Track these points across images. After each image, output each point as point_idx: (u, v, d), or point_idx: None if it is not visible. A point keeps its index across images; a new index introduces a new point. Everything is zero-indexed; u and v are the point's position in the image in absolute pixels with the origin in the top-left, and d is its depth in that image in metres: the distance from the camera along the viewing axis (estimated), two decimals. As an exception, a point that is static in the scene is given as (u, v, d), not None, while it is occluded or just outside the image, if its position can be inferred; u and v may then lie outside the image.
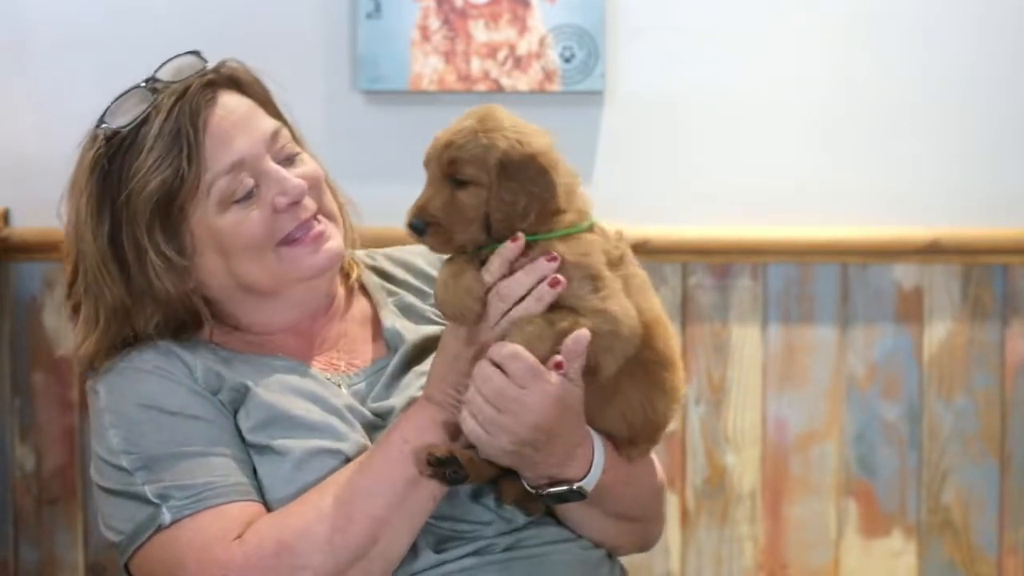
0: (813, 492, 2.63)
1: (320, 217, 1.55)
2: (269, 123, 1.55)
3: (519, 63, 2.57)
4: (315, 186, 1.56)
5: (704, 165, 2.61)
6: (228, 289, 1.55)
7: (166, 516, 1.40)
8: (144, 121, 1.50)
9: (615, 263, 1.45)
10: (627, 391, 1.47)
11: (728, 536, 2.64)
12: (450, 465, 1.42)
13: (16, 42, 2.62)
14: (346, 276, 1.66)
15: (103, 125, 1.52)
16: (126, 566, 1.46)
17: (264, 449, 1.46)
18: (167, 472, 1.42)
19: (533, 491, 1.46)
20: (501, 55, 2.57)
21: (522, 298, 1.40)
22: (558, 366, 1.38)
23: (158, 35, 2.57)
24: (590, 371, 1.42)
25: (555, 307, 1.41)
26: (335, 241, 1.55)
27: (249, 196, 1.51)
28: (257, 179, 1.51)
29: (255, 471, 1.47)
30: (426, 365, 1.54)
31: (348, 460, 1.46)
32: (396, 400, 1.54)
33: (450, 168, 1.42)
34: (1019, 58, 2.59)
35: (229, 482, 1.43)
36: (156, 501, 1.41)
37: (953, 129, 2.61)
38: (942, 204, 2.60)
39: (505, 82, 2.57)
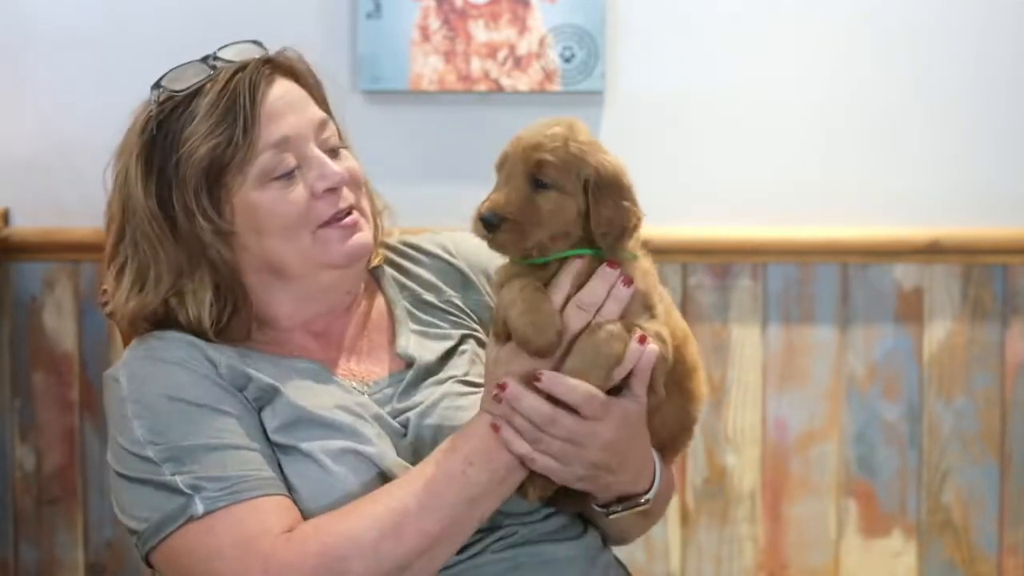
0: (813, 492, 2.63)
1: (354, 211, 1.57)
2: (319, 112, 1.58)
3: (519, 63, 2.56)
4: (354, 182, 1.58)
5: (704, 165, 2.61)
6: (258, 271, 1.56)
7: (199, 507, 1.39)
8: (199, 91, 1.52)
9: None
10: (665, 403, 1.46)
11: (728, 536, 2.64)
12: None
13: (16, 42, 2.62)
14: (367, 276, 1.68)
15: (160, 88, 1.53)
16: (147, 556, 1.45)
17: (290, 450, 1.46)
18: (197, 464, 1.41)
19: (601, 509, 1.47)
20: (501, 55, 2.56)
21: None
22: (642, 340, 1.37)
23: (158, 35, 2.57)
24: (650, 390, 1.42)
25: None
26: (366, 235, 1.56)
27: (290, 176, 1.52)
28: (300, 161, 1.53)
29: (281, 470, 1.47)
30: (443, 374, 1.57)
31: (375, 464, 1.46)
32: (412, 413, 1.53)
33: (536, 169, 1.38)
34: (1019, 58, 2.59)
35: (262, 476, 1.42)
36: (188, 491, 1.40)
37: (953, 129, 2.61)
38: (942, 204, 2.60)
39: (505, 82, 2.56)
